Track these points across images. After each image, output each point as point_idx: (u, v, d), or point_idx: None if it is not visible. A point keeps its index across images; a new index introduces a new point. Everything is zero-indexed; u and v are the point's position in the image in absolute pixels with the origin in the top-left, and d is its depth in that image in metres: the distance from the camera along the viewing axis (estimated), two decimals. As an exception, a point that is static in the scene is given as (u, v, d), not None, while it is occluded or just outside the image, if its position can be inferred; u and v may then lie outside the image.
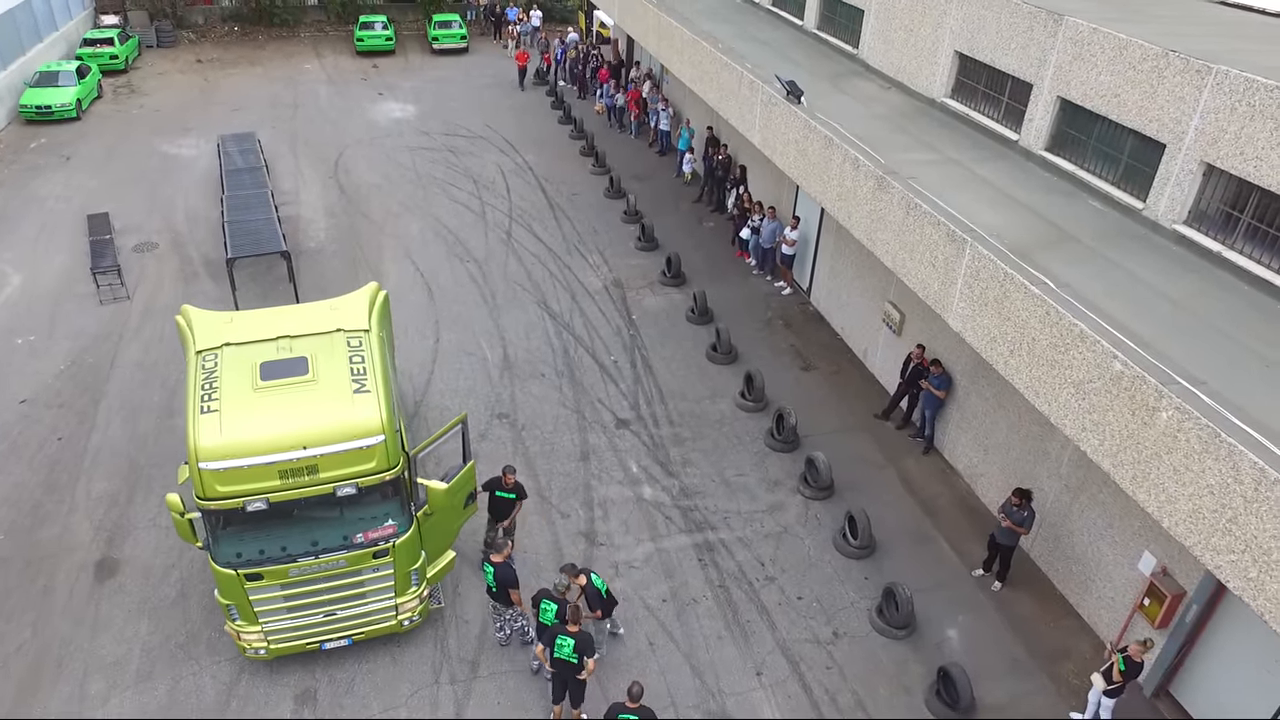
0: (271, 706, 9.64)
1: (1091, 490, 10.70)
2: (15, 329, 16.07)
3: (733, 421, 14.36)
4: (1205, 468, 6.54)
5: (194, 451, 8.38)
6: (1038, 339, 8.20)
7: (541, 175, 23.11)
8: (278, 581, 9.08)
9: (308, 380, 8.99)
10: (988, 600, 11.44)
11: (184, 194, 21.51)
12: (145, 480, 12.67)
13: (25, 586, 10.97)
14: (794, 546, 12.03)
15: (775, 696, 10.02)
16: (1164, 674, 10.15)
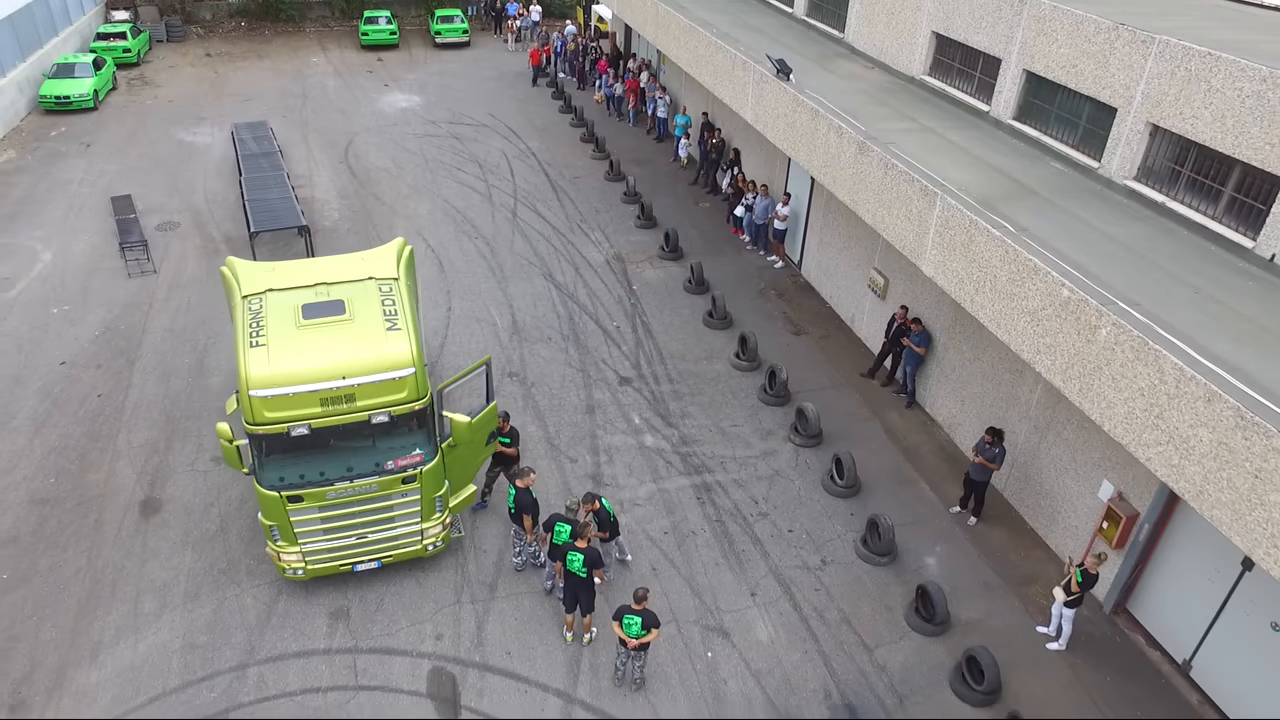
0: (308, 623, 10.59)
1: (1057, 428, 11.71)
2: (50, 300, 17.00)
3: (728, 379, 15.36)
4: (1137, 373, 7.53)
5: (245, 381, 9.35)
6: (998, 275, 9.20)
7: (544, 160, 24.10)
8: (316, 504, 10.04)
9: (345, 319, 9.97)
10: (963, 533, 12.44)
11: (202, 177, 22.46)
12: (181, 432, 13.63)
13: (78, 522, 11.92)
14: (785, 487, 13.02)
15: (768, 614, 11.00)
16: (1121, 592, 11.17)
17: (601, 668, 10.23)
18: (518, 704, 9.80)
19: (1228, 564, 9.73)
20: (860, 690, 10.15)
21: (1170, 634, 10.69)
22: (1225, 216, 9.60)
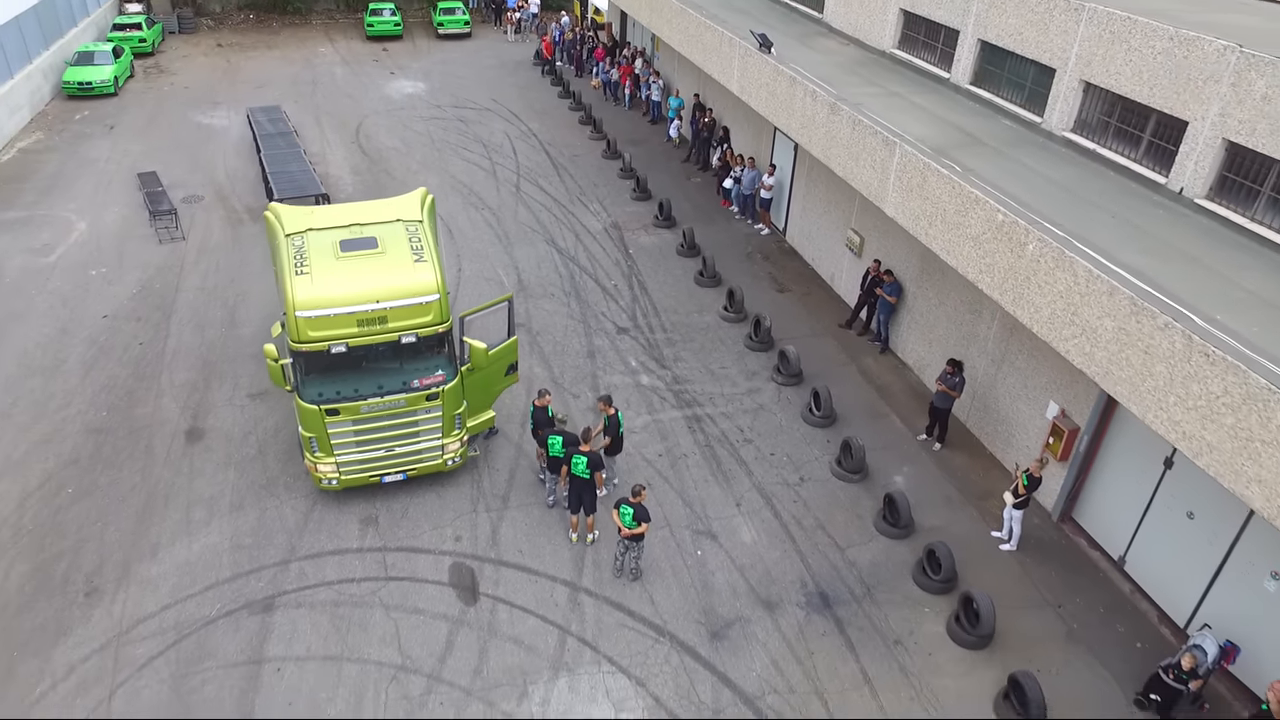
0: (341, 527, 11.90)
1: (1010, 359, 13.06)
2: (88, 263, 18.27)
3: (717, 329, 16.69)
4: (1057, 279, 8.89)
5: (291, 305, 10.66)
6: (947, 208, 10.57)
7: (545, 140, 25.43)
8: (351, 417, 11.35)
9: (378, 252, 11.31)
10: (929, 457, 13.79)
11: (221, 156, 23.76)
12: (218, 373, 14.92)
13: (130, 448, 13.21)
14: (768, 419, 14.37)
15: (751, 521, 12.33)
16: (1065, 502, 12.55)
17: (603, 562, 11.56)
18: (530, 592, 11.12)
19: (1152, 465, 11.08)
20: (832, 581, 11.49)
21: (1107, 534, 12.06)
22: (1144, 158, 11.01)
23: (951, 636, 10.82)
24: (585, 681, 10.08)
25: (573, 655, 10.38)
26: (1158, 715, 9.94)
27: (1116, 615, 11.33)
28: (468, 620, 10.74)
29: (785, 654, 10.50)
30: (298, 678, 9.98)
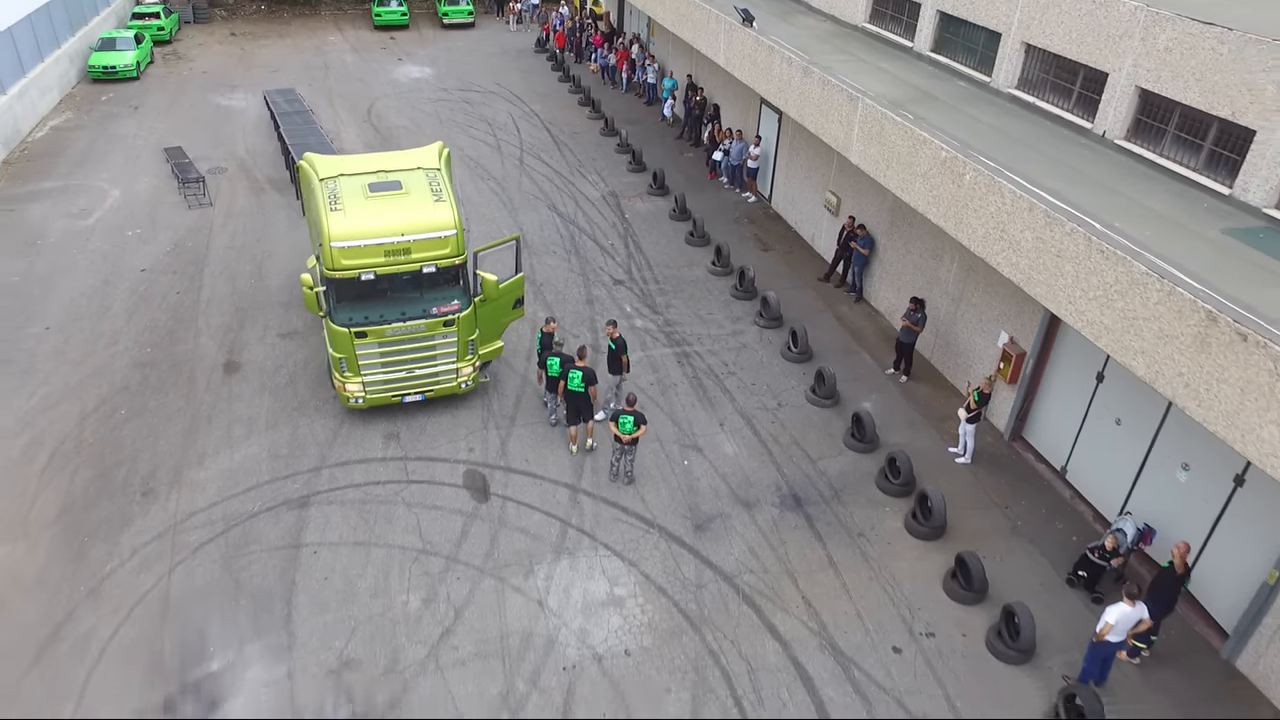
0: (366, 441, 13.33)
1: (968, 297, 14.49)
2: (124, 225, 19.69)
3: (705, 282, 18.13)
4: (989, 201, 10.33)
5: (327, 236, 12.09)
6: (900, 151, 12.03)
7: (546, 120, 26.88)
8: (377, 340, 12.77)
9: (402, 193, 12.78)
10: (895, 388, 15.22)
11: (242, 133, 25.20)
12: (250, 317, 16.35)
13: (174, 377, 14.63)
14: (750, 355, 15.79)
15: (733, 438, 13.76)
16: (1015, 422, 13.98)
17: (600, 470, 12.98)
18: (535, 493, 12.53)
19: (1086, 381, 12.51)
20: (804, 486, 12.91)
21: (1052, 448, 13.48)
22: (1074, 107, 12.51)
23: (908, 530, 12.25)
24: (584, 562, 11.50)
25: (573, 542, 11.81)
26: (1086, 590, 11.38)
27: (1056, 515, 12.76)
28: (480, 514, 12.16)
29: (760, 542, 11.92)
30: (332, 559, 11.40)
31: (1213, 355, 7.76)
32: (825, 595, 11.21)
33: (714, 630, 10.68)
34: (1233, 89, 10.05)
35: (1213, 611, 10.91)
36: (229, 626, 10.49)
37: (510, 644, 10.40)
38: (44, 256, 18.31)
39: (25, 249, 18.59)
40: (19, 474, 12.63)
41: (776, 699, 9.89)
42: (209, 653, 10.16)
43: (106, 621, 10.48)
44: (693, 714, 9.68)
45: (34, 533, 11.68)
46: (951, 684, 10.18)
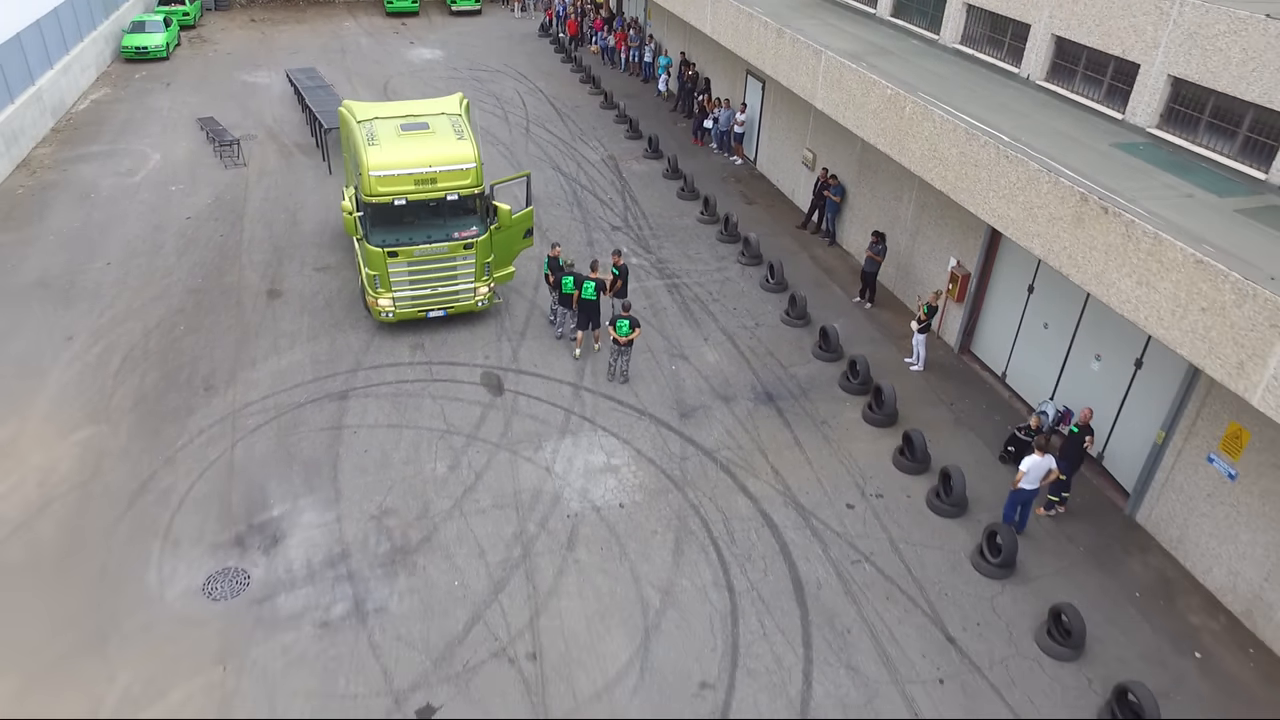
0: (395, 350, 15.28)
1: (923, 230, 16.42)
2: (167, 182, 21.67)
3: (694, 229, 20.11)
4: (923, 127, 12.32)
5: (366, 167, 14.05)
6: (855, 93, 14.01)
7: (550, 95, 28.88)
8: (406, 260, 14.71)
9: (429, 132, 14.77)
10: (861, 313, 17.17)
11: (268, 106, 27.19)
12: (287, 255, 18.32)
13: (224, 301, 16.59)
14: (732, 287, 17.74)
15: (715, 349, 15.71)
16: (962, 337, 15.91)
17: (599, 371, 14.94)
18: (542, 389, 14.48)
19: (1019, 293, 14.45)
20: (776, 386, 14.84)
21: (993, 356, 15.42)
22: (1006, 56, 14.54)
23: (864, 419, 14.18)
24: (585, 440, 13.44)
25: (575, 425, 13.75)
26: (1014, 464, 13.26)
27: (995, 410, 14.68)
28: (495, 405, 14.11)
29: (737, 427, 13.85)
30: (370, 437, 13.34)
31: (1086, 228, 9.68)
32: (790, 466, 13.14)
33: (695, 490, 12.62)
34: (1123, 31, 12.03)
35: (1118, 477, 12.85)
36: (285, 485, 12.44)
37: (522, 498, 12.34)
38: (98, 208, 20.28)
39: (81, 202, 20.56)
40: (97, 375, 14.59)
41: (747, 540, 11.81)
42: (270, 503, 12.11)
43: (183, 481, 12.44)
44: (675, 551, 11.61)
45: (115, 418, 13.63)
46: (895, 531, 12.10)
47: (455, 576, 11.13)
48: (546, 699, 9.70)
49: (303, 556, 11.32)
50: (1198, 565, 11.48)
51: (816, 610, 10.89)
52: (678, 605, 10.88)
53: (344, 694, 9.68)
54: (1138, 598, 11.38)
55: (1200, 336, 8.54)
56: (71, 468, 12.64)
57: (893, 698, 9.90)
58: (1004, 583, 11.42)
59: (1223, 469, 11.01)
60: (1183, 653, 10.65)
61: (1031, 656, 10.47)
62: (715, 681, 9.97)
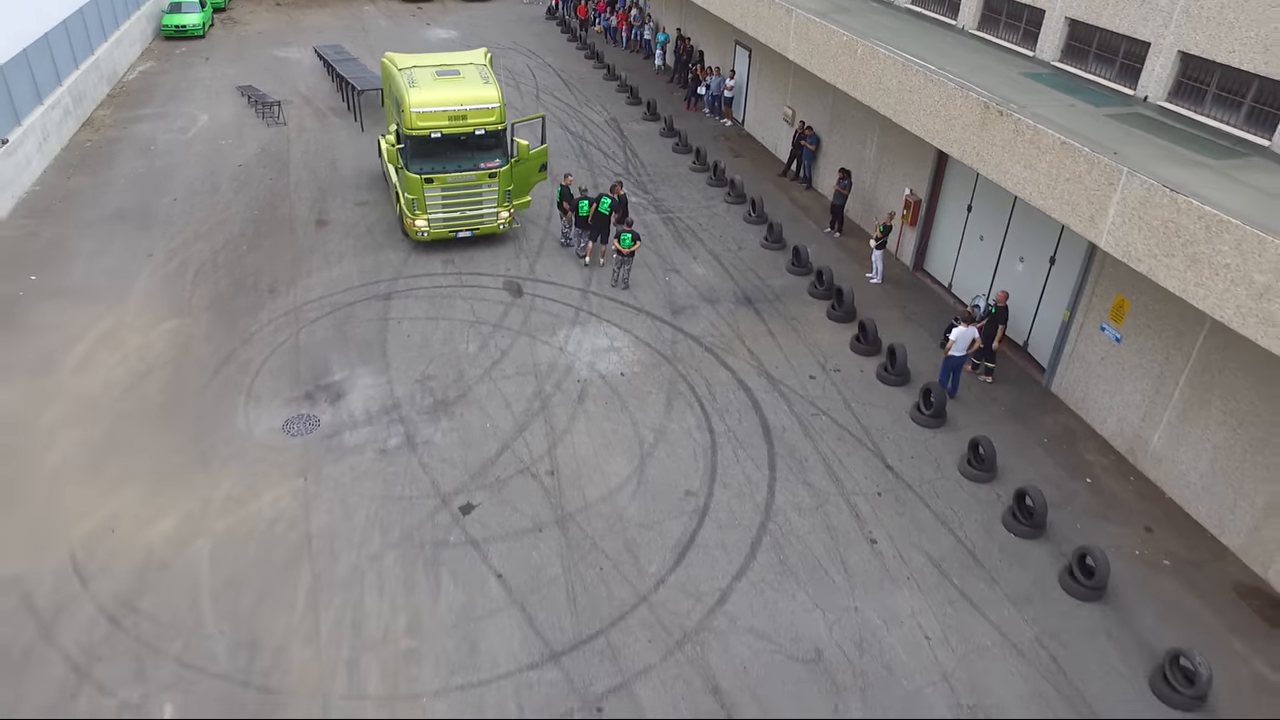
0: (429, 264, 17.83)
1: (885, 167, 18.95)
2: (217, 137, 24.24)
3: (686, 176, 22.69)
4: (872, 67, 14.89)
5: (408, 105, 16.62)
6: (819, 43, 16.62)
7: (557, 69, 31.48)
8: (440, 186, 17.24)
9: (460, 77, 17.41)
10: (831, 241, 19.71)
11: (300, 77, 29.80)
12: (330, 193, 20.90)
13: (279, 229, 19.15)
14: (718, 220, 20.30)
15: (703, 265, 18.25)
16: (916, 256, 18.41)
17: (604, 280, 17.51)
18: (555, 292, 17.02)
19: (960, 212, 16.96)
20: (754, 292, 17.35)
21: (942, 271, 17.95)
22: (946, 11, 17.08)
23: (828, 317, 16.71)
24: (592, 329, 15.96)
25: (583, 318, 16.28)
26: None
27: (941, 312, 17.19)
28: (516, 303, 16.64)
29: (719, 321, 16.37)
30: (411, 326, 15.86)
31: (988, 129, 12.21)
32: (763, 348, 15.65)
33: (683, 364, 15.14)
34: (1036, -16, 14.69)
35: (1037, 356, 15.37)
36: (343, 358, 14.96)
37: (540, 369, 14.85)
38: (158, 157, 22.84)
39: (142, 153, 23.11)
40: (176, 282, 17.12)
41: (725, 398, 14.31)
42: (332, 371, 14.64)
43: (258, 356, 14.97)
44: (667, 405, 14.10)
45: (195, 313, 16.15)
46: (848, 394, 14.60)
47: (487, 420, 13.65)
48: (562, 500, 12.21)
49: (362, 406, 13.86)
50: (1095, 418, 13.98)
51: (781, 446, 13.40)
52: (668, 441, 13.39)
53: (401, 496, 12.20)
54: (1045, 442, 13.89)
55: (1066, 201, 11.05)
56: (164, 348, 15.18)
57: (839, 503, 12.40)
58: (936, 430, 13.94)
59: (1111, 335, 13.51)
60: (1077, 479, 13.17)
61: (953, 479, 12.98)
62: (697, 490, 12.48)
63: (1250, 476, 11.47)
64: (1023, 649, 10.49)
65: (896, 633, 10.58)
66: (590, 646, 10.24)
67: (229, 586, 10.81)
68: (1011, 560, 11.71)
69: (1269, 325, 8.73)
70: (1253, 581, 11.58)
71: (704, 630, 10.49)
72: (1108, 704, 9.89)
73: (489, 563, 11.25)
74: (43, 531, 11.42)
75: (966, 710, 9.75)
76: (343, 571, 11.06)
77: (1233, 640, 10.76)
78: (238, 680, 9.70)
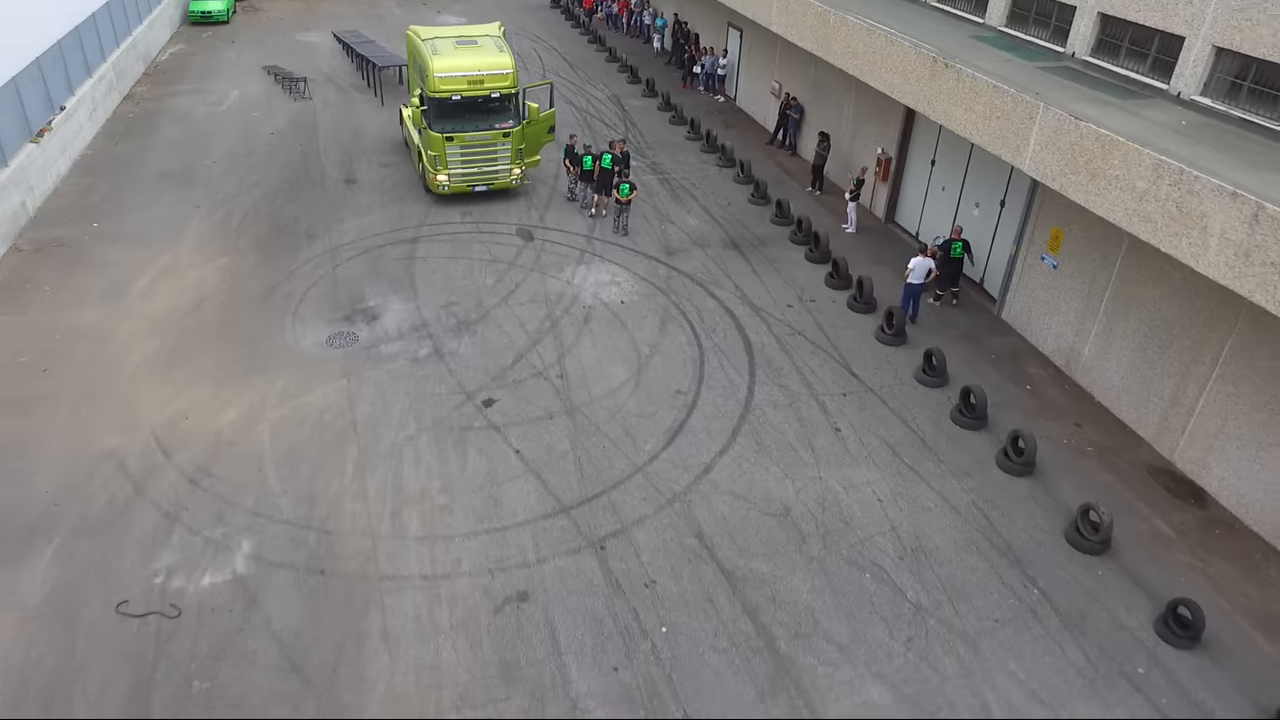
0: (450, 215, 19.81)
1: (861, 129, 20.94)
2: (248, 110, 26.27)
3: (681, 144, 24.71)
4: (841, 31, 16.83)
5: (431, 70, 18.67)
6: (797, 14, 18.68)
7: (562, 52, 33.51)
8: (460, 144, 19.24)
9: (478, 46, 19.47)
10: (811, 198, 21.71)
11: (322, 58, 31.86)
12: (357, 156, 22.93)
13: (312, 185, 21.17)
14: (710, 181, 22.32)
15: (695, 217, 20.24)
16: (887, 209, 20.37)
17: (607, 228, 19.46)
18: (563, 238, 19.01)
19: (925, 166, 18.93)
20: (740, 238, 19.34)
21: (910, 221, 19.94)
22: (915, -16, 19.09)
23: (806, 259, 18.67)
24: (596, 267, 17.95)
25: (588, 259, 18.27)
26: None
27: (908, 254, 18.99)
28: (528, 247, 18.64)
29: (709, 261, 18.34)
30: (435, 264, 17.84)
31: (936, 80, 14.21)
32: (747, 283, 17.62)
33: (676, 295, 17.11)
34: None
35: (990, 289, 17.33)
36: (376, 288, 16.95)
37: (550, 298, 16.82)
38: (196, 126, 24.86)
39: (181, 122, 25.12)
40: (223, 228, 19.11)
41: (713, 321, 16.28)
42: (366, 298, 16.62)
43: (300, 287, 16.95)
44: (661, 326, 16.05)
45: (242, 252, 18.14)
46: (821, 319, 16.55)
47: (504, 337, 15.62)
48: (571, 396, 14.16)
49: (394, 326, 15.82)
50: (1038, 337, 15.93)
51: (760, 358, 15.35)
52: (662, 353, 15.36)
53: (431, 393, 14.17)
54: (993, 359, 15.84)
55: (997, 135, 13.03)
56: (218, 280, 17.15)
57: (809, 401, 14.34)
58: (897, 348, 15.88)
59: (1050, 263, 15.46)
60: (1018, 386, 15.12)
61: (909, 384, 14.93)
62: (687, 390, 14.43)
63: (1159, 374, 13.41)
64: (960, 510, 12.44)
65: (854, 496, 12.53)
66: (595, 503, 12.20)
67: (288, 459, 12.77)
68: (955, 445, 13.65)
69: (1148, 222, 10.68)
70: (1161, 464, 13.53)
71: (690, 492, 12.45)
72: (1027, 549, 11.83)
73: (508, 442, 13.21)
74: (128, 417, 13.39)
75: (909, 553, 11.70)
76: (384, 448, 13.03)
77: (1139, 505, 12.72)
78: (300, 524, 11.67)
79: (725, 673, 9.98)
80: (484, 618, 10.51)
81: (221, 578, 10.88)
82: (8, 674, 9.61)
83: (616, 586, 10.97)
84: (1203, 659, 10.44)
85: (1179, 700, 9.97)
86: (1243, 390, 12.11)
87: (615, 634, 10.38)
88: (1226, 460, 12.43)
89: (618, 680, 9.87)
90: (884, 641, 10.45)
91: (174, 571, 10.92)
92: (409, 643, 10.20)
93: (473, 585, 10.93)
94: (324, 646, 10.10)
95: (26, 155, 19.27)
